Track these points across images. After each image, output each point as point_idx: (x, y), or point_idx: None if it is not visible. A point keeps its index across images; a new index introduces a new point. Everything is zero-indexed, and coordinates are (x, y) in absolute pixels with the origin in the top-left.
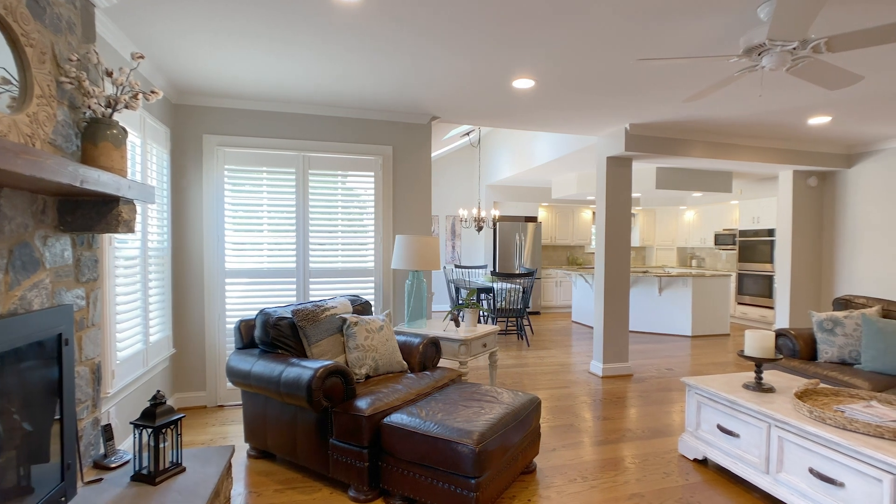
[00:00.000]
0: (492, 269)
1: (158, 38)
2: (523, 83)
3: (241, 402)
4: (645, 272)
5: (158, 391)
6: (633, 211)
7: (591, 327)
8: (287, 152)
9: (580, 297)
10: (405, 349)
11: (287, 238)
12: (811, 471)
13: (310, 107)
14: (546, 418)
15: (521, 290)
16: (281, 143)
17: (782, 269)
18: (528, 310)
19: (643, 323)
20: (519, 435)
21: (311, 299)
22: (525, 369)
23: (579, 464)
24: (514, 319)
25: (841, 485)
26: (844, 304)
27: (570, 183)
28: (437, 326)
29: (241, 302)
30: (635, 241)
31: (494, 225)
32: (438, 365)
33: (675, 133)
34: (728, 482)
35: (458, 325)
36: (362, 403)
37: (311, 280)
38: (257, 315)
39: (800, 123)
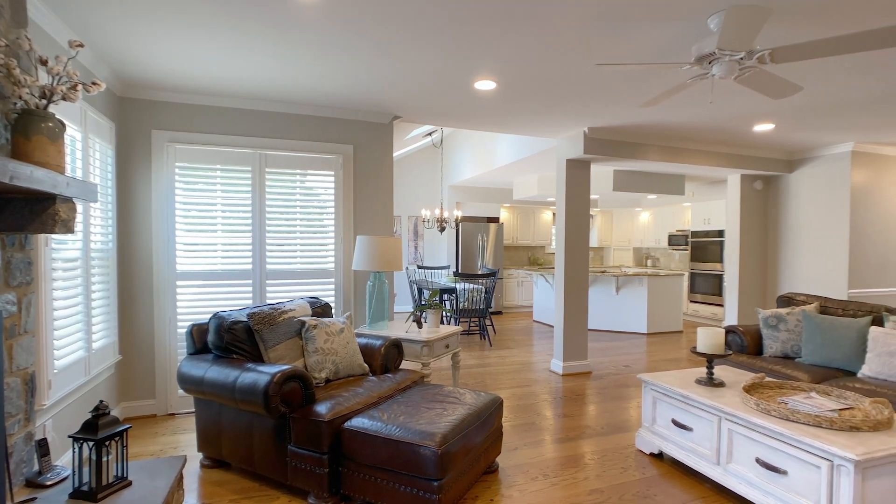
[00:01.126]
0: (454, 270)
1: (100, 26)
2: (485, 84)
3: (193, 410)
4: (603, 272)
5: (102, 401)
6: (591, 212)
7: (552, 326)
8: (243, 150)
9: (541, 296)
10: (367, 352)
11: (243, 239)
12: (758, 460)
13: (267, 103)
14: (508, 417)
15: (484, 290)
16: (236, 141)
17: (731, 269)
18: (490, 310)
19: (601, 321)
20: (481, 435)
21: (268, 302)
22: (487, 369)
23: (541, 462)
24: (476, 319)
25: (784, 473)
26: (787, 301)
27: (530, 184)
28: (400, 328)
29: (193, 305)
30: (594, 241)
31: (457, 225)
32: (401, 367)
33: (631, 137)
34: (682, 475)
35: (420, 326)
36: (322, 408)
37: (268, 282)
38: (211, 319)
39: (746, 130)
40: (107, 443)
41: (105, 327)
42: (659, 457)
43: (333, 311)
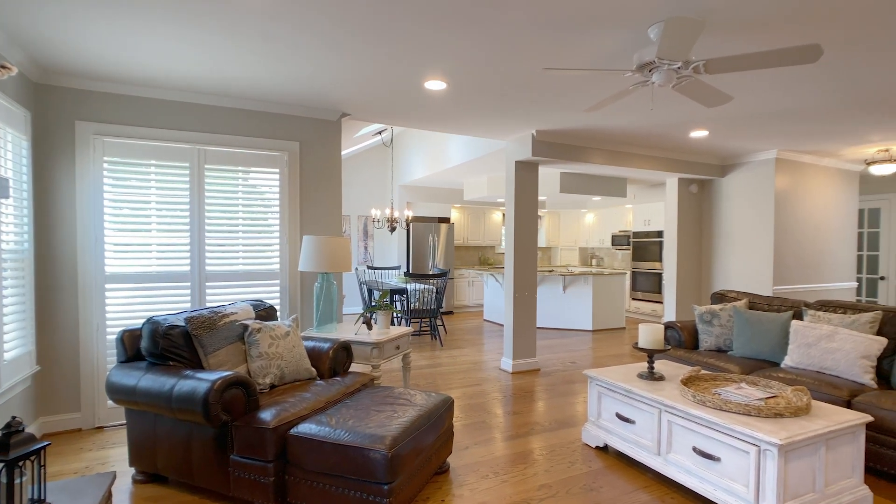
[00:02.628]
0: (405, 270)
1: (10, 4)
2: (435, 85)
3: (124, 422)
4: (551, 271)
5: (14, 417)
6: (539, 213)
7: (502, 325)
8: (180, 145)
9: (491, 296)
10: (314, 355)
11: (180, 239)
12: (694, 449)
13: (207, 96)
14: (459, 417)
15: (435, 290)
16: (173, 135)
17: (669, 267)
18: (441, 310)
19: (549, 319)
20: (432, 436)
21: (208, 305)
22: (439, 369)
23: (491, 460)
24: (427, 320)
25: (718, 459)
26: (720, 297)
27: (481, 185)
28: (349, 330)
29: (125, 310)
30: (542, 241)
31: (408, 225)
32: (350, 370)
33: (578, 140)
34: (626, 466)
35: (370, 327)
36: (266, 415)
37: (207, 284)
38: (144, 324)
39: (683, 136)
40: (20, 463)
41: (20, 336)
42: (604, 450)
43: (279, 313)
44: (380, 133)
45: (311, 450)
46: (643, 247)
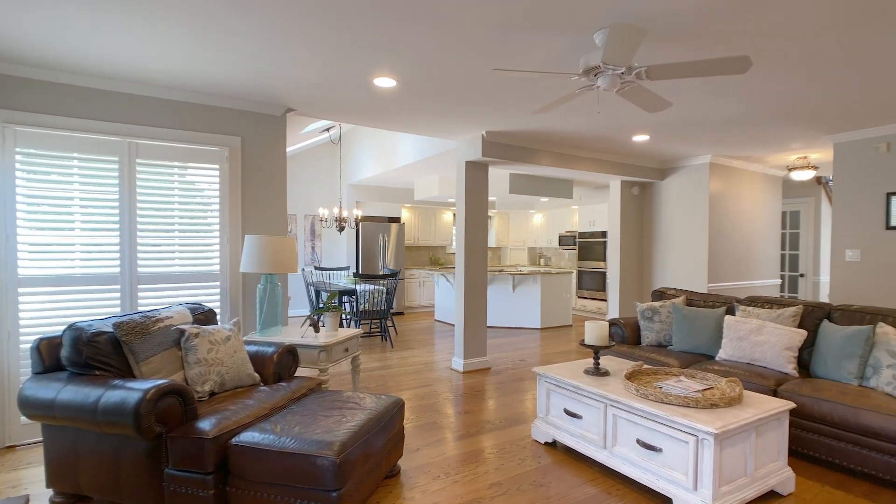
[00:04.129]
0: (354, 271)
1: None
2: (385, 82)
3: (41, 440)
4: (500, 271)
5: None
6: (489, 213)
7: (453, 325)
8: (108, 137)
9: (442, 296)
10: (257, 360)
11: (109, 238)
12: (638, 441)
13: (138, 86)
14: (410, 418)
15: (385, 291)
16: (100, 126)
17: (613, 266)
18: (391, 311)
19: (499, 318)
20: (382, 440)
21: (140, 309)
22: (389, 371)
23: (442, 460)
24: (377, 321)
25: (660, 450)
26: (660, 295)
27: (432, 185)
28: (295, 333)
29: (42, 316)
30: (492, 241)
31: (357, 225)
32: (296, 374)
33: (526, 142)
34: (574, 461)
35: (317, 330)
36: (205, 424)
37: (140, 287)
38: (65, 330)
39: (627, 140)
40: None
41: None
42: (553, 445)
43: (219, 317)
44: (328, 130)
45: (255, 459)
46: (588, 247)
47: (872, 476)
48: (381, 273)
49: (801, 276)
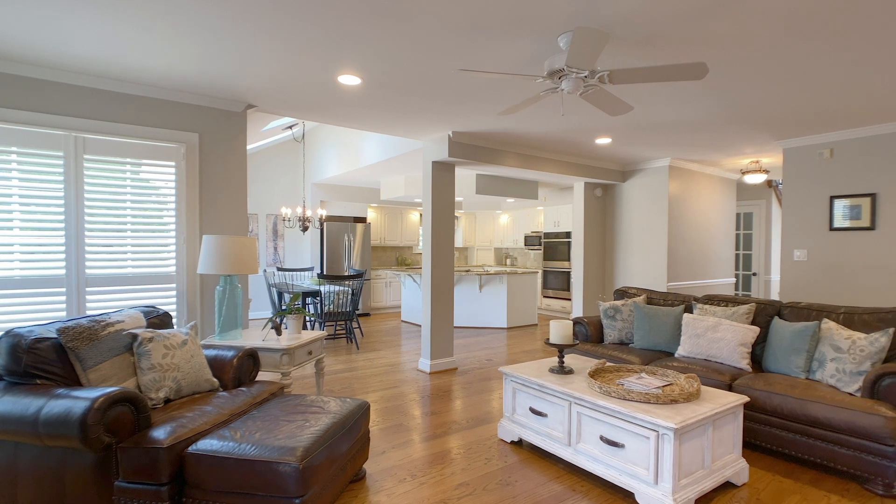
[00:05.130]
0: (319, 272)
1: None
2: (349, 80)
3: None
4: (467, 271)
5: None
6: (456, 214)
7: (420, 326)
8: (52, 131)
9: (409, 296)
10: (216, 365)
11: (53, 238)
12: (602, 438)
13: (86, 77)
14: (376, 420)
15: (351, 292)
16: (41, 119)
17: (577, 266)
18: (357, 312)
19: (466, 318)
20: (347, 443)
21: (89, 314)
22: (355, 373)
23: (409, 462)
24: (343, 323)
25: (622, 446)
26: (622, 294)
27: (398, 185)
28: (256, 336)
29: None
30: (459, 241)
31: (322, 225)
32: (258, 379)
33: (492, 143)
34: (539, 459)
35: (279, 333)
36: (160, 433)
37: (89, 290)
38: (2, 337)
39: (590, 142)
40: None
41: None
42: (519, 444)
43: (176, 320)
44: (290, 128)
45: (213, 468)
46: (553, 247)
47: (817, 464)
48: (346, 274)
49: (754, 274)
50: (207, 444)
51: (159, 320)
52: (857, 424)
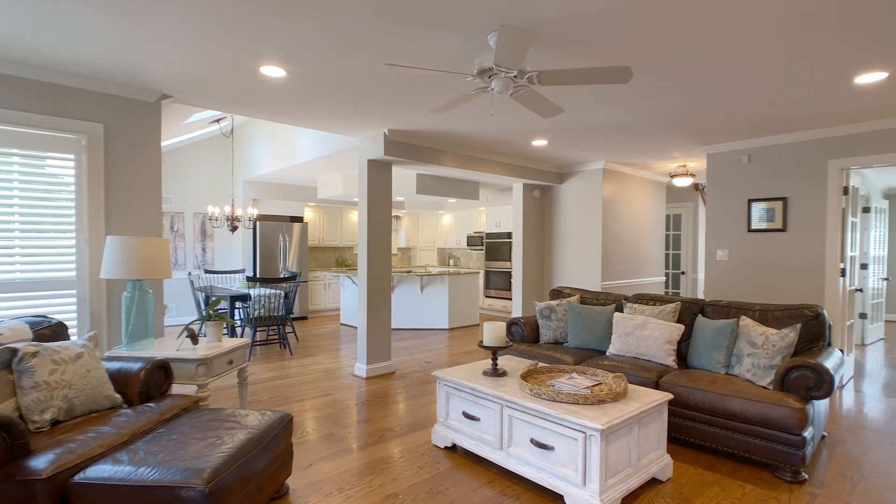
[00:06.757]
0: (248, 274)
1: None
2: (273, 71)
3: None
4: (409, 272)
5: None
6: (399, 214)
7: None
8: None
9: (348, 298)
10: (120, 379)
11: None
12: (532, 441)
13: None
14: (305, 431)
15: (283, 295)
16: None
17: (516, 266)
18: (292, 315)
19: (407, 320)
20: (265, 460)
21: None
22: (287, 381)
23: (337, 475)
24: (276, 328)
25: (552, 448)
26: (557, 294)
27: (336, 183)
28: (170, 346)
29: None
30: (402, 242)
31: (254, 225)
32: (170, 392)
33: (430, 143)
34: (473, 464)
35: (195, 341)
36: (39, 462)
37: None
38: None
39: (527, 144)
40: None
41: None
42: (453, 450)
43: (76, 331)
44: (218, 122)
45: (105, 497)
46: (496, 247)
47: (736, 455)
48: (283, 276)
49: (683, 273)
50: (98, 472)
51: (51, 331)
52: (768, 416)
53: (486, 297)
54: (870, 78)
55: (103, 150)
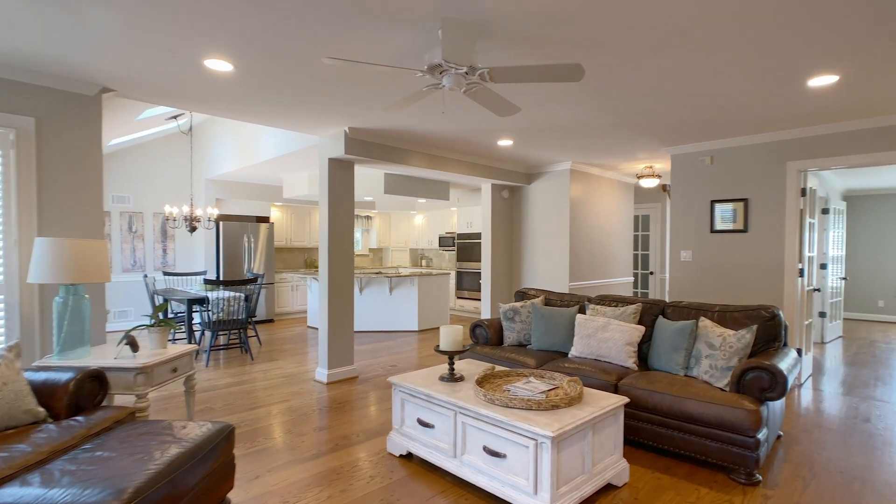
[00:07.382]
0: (207, 277)
1: None
2: (218, 65)
3: None
4: (378, 273)
5: None
6: (370, 214)
7: None
8: None
9: (315, 300)
10: (46, 391)
11: None
12: (485, 448)
13: None
14: (256, 441)
15: (244, 297)
16: None
17: (486, 267)
18: (255, 319)
19: (376, 322)
20: (199, 474)
21: None
22: (244, 387)
23: (284, 487)
24: (237, 331)
25: (504, 456)
26: (522, 295)
27: (301, 182)
28: (108, 354)
29: None
30: (373, 243)
31: (217, 225)
32: (106, 404)
33: (394, 142)
34: (427, 472)
35: (135, 349)
36: None
37: None
38: None
39: (493, 144)
40: None
41: None
42: (409, 458)
43: (3, 339)
44: (175, 118)
45: None
46: (467, 248)
47: (692, 458)
48: (246, 278)
49: (651, 273)
50: (1, 496)
51: None
52: (724, 418)
53: (458, 297)
54: (822, 81)
55: (34, 145)
